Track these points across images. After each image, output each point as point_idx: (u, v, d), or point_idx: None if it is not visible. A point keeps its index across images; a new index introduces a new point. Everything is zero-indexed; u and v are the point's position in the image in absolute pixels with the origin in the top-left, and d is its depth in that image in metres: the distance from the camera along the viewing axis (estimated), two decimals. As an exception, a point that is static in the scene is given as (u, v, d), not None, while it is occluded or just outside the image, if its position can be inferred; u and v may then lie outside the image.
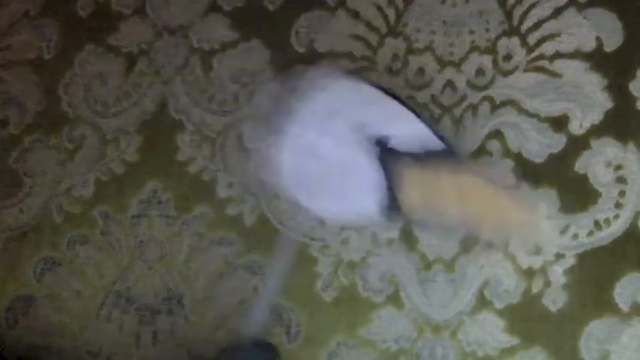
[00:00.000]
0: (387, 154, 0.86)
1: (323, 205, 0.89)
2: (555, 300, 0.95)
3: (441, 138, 0.87)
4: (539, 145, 0.98)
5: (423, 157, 0.85)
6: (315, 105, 0.89)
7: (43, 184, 1.11)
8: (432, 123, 0.92)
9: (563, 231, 0.96)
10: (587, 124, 0.98)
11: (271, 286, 0.95)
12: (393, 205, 0.86)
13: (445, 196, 0.86)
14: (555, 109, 0.99)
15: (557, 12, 1.01)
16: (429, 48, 1.04)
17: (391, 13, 1.06)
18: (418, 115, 0.88)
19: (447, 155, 0.87)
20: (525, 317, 0.95)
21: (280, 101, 0.91)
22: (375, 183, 0.86)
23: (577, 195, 0.97)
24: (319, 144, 0.87)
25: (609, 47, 0.99)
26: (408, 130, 0.87)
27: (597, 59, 0.99)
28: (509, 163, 0.99)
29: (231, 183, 1.05)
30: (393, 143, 0.86)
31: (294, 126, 0.89)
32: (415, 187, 0.86)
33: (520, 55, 1.01)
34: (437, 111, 1.01)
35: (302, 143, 0.88)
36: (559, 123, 0.99)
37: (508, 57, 1.02)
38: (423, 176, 0.86)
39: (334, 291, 1.00)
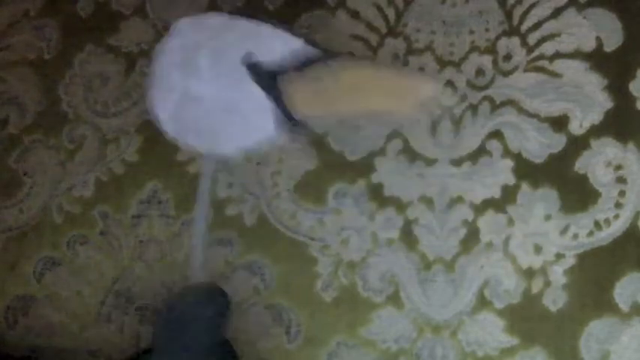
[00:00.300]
0: (261, 73, 0.88)
1: (223, 144, 0.91)
2: (555, 300, 0.95)
3: (305, 40, 0.89)
4: (539, 145, 0.99)
5: (296, 64, 0.88)
6: (172, 47, 0.91)
7: (43, 184, 1.11)
8: (288, 27, 0.93)
9: (563, 231, 0.96)
10: (587, 124, 0.98)
11: (200, 223, 0.96)
12: (289, 120, 0.88)
13: (334, 93, 0.88)
14: (555, 109, 0.99)
15: (557, 12, 1.01)
16: (429, 48, 1.04)
17: (391, 13, 1.06)
18: (274, 25, 0.90)
19: (317, 55, 0.89)
20: (525, 317, 0.95)
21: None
22: (263, 104, 0.88)
23: (577, 195, 0.97)
24: (191, 85, 0.89)
25: (609, 47, 0.99)
26: (271, 44, 0.89)
27: (597, 59, 0.99)
28: (509, 163, 0.99)
29: (231, 183, 1.05)
30: (263, 61, 0.88)
31: (159, 69, 0.91)
32: (302, 95, 0.88)
33: (520, 55, 1.01)
34: (437, 111, 1.01)
35: (173, 89, 0.90)
36: (559, 123, 0.99)
37: (508, 57, 1.02)
38: (305, 82, 0.88)
39: (334, 291, 1.00)
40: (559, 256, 0.96)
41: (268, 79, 0.88)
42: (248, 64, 0.88)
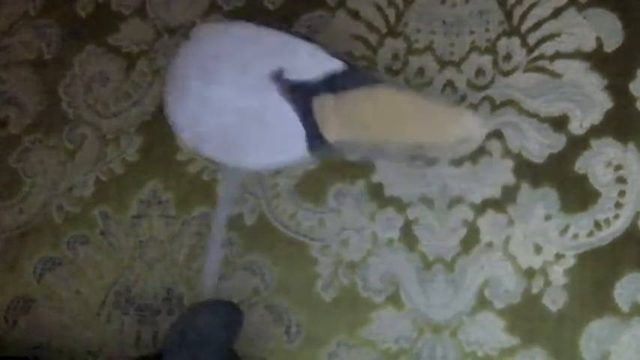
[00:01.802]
0: (293, 91, 0.84)
1: (245, 157, 0.88)
2: (555, 300, 0.95)
3: (342, 58, 0.84)
4: (539, 145, 0.99)
5: (328, 82, 0.83)
6: (189, 56, 0.87)
7: (43, 184, 1.11)
8: (324, 45, 0.89)
9: (563, 231, 0.96)
10: (587, 124, 0.98)
11: (220, 236, 0.94)
12: (317, 139, 0.84)
13: (367, 117, 0.84)
14: (555, 109, 0.99)
15: (557, 12, 1.01)
16: (429, 48, 1.04)
17: (391, 13, 1.06)
18: (308, 39, 0.86)
19: (354, 75, 0.85)
20: (525, 317, 0.95)
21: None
22: (294, 123, 0.84)
23: (577, 195, 0.97)
24: (211, 95, 0.85)
25: (609, 47, 0.99)
26: (301, 58, 0.85)
27: (597, 59, 0.99)
28: (509, 163, 0.99)
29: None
30: (292, 76, 0.84)
31: (177, 81, 0.87)
32: (332, 114, 0.84)
33: (520, 55, 1.01)
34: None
35: (192, 98, 0.86)
36: (559, 123, 0.99)
37: (508, 57, 1.02)
38: (336, 101, 0.84)
39: (334, 291, 1.00)
40: (559, 256, 0.96)
41: (300, 98, 0.84)
42: (279, 80, 0.84)
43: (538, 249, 0.96)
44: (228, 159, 0.89)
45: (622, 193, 0.96)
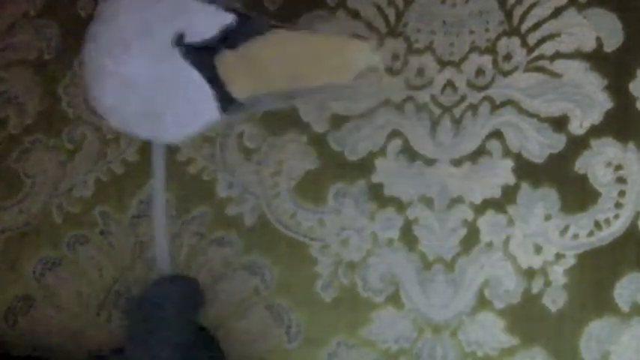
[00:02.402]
0: (194, 54, 0.83)
1: (165, 131, 0.86)
2: (555, 300, 0.95)
3: (233, 10, 0.83)
4: (539, 145, 0.99)
5: (224, 38, 0.83)
6: (98, 30, 0.86)
7: (43, 184, 1.11)
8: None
9: (563, 231, 0.96)
10: (587, 124, 0.98)
11: (158, 211, 0.93)
12: (227, 99, 0.83)
13: (267, 66, 0.83)
14: (555, 109, 0.99)
15: (557, 12, 1.01)
16: (429, 48, 1.04)
17: (391, 13, 1.06)
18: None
19: (246, 25, 0.84)
20: (525, 317, 0.95)
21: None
22: (201, 86, 0.83)
23: (577, 195, 0.97)
24: (122, 69, 0.83)
25: (609, 47, 0.99)
26: (196, 18, 0.83)
27: (597, 59, 0.99)
28: (509, 163, 0.99)
29: (231, 183, 1.05)
30: (192, 38, 0.83)
31: (89, 58, 0.86)
32: (236, 70, 0.83)
33: (520, 55, 1.01)
34: (437, 111, 1.01)
35: (104, 73, 0.85)
36: (559, 123, 0.99)
37: (508, 57, 1.02)
38: (235, 56, 0.83)
39: (334, 291, 1.00)
40: (559, 256, 0.96)
41: (202, 59, 0.82)
42: (180, 45, 0.82)
43: (538, 249, 0.96)
44: (152, 134, 0.88)
45: (622, 193, 0.96)
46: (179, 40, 0.82)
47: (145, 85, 0.84)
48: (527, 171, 0.98)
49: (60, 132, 1.12)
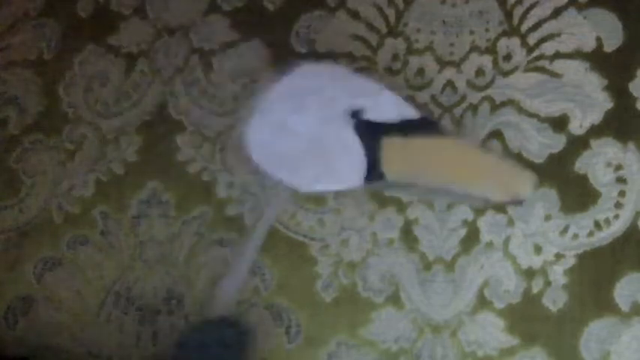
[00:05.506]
0: (363, 125, 0.92)
1: (304, 180, 0.93)
2: (555, 300, 0.95)
3: (417, 107, 0.93)
4: (539, 145, 0.99)
5: (401, 126, 0.92)
6: (284, 85, 0.94)
7: (43, 184, 1.11)
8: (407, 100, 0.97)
9: (563, 231, 0.96)
10: (587, 124, 0.98)
11: (245, 261, 0.95)
12: (376, 173, 0.91)
13: (429, 164, 0.92)
14: (555, 109, 0.99)
15: (557, 12, 1.01)
16: (429, 48, 1.04)
17: (391, 13, 1.06)
18: (396, 93, 0.95)
19: (427, 124, 0.94)
20: (525, 317, 0.95)
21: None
22: (355, 153, 0.91)
23: (577, 195, 0.97)
24: (292, 121, 0.92)
25: (609, 47, 0.99)
26: (381, 100, 0.93)
27: (597, 59, 0.99)
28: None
29: (231, 183, 1.05)
30: (368, 114, 0.92)
31: (265, 105, 0.94)
32: (397, 154, 0.92)
33: (520, 55, 1.01)
34: (437, 111, 1.01)
35: (273, 121, 0.93)
36: (559, 123, 0.99)
37: (508, 57, 1.02)
38: (404, 144, 0.92)
39: (334, 291, 1.00)
40: (559, 256, 0.96)
41: (371, 134, 0.92)
42: (357, 117, 0.92)
43: (538, 249, 0.96)
44: (285, 177, 0.94)
45: (622, 193, 0.96)
46: (355, 114, 0.92)
47: (302, 135, 0.92)
48: (527, 171, 0.98)
49: (60, 132, 1.12)
